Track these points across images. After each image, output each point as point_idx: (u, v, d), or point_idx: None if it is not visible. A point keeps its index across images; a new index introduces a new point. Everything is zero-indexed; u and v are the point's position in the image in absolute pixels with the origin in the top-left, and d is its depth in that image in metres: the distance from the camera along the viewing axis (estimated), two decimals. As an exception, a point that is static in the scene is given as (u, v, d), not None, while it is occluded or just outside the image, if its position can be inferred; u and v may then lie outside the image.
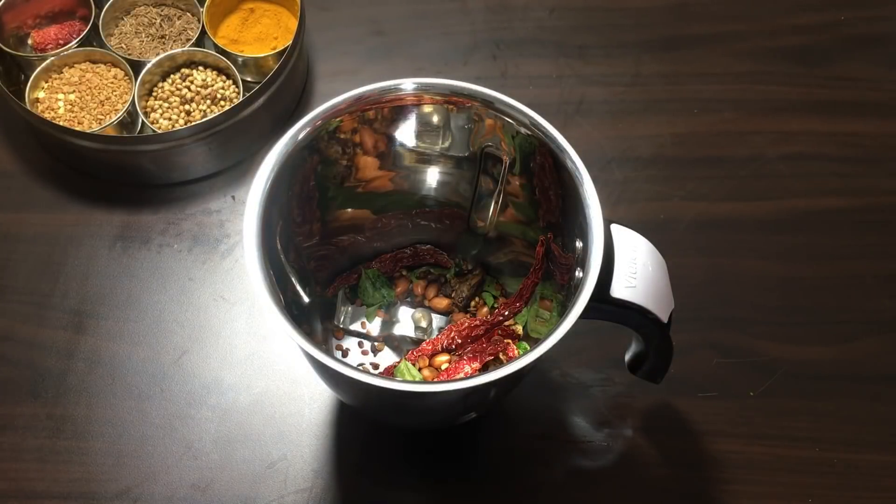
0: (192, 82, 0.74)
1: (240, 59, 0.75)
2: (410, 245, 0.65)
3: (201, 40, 0.76)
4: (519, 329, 0.60)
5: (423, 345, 0.60)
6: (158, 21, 0.77)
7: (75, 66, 0.75)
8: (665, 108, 0.78)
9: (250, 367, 0.65)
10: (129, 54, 0.75)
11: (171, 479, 0.61)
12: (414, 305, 0.64)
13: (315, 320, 0.60)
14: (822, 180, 0.74)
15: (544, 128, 0.54)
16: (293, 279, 0.57)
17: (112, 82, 0.74)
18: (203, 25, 0.75)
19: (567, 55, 0.80)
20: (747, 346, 0.66)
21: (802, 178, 0.74)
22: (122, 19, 0.78)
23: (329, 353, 0.48)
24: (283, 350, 0.66)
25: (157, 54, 0.74)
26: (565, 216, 0.55)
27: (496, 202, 0.61)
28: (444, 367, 0.59)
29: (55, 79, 0.74)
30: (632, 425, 0.63)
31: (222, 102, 0.73)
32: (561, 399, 0.64)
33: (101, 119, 0.72)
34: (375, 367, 0.63)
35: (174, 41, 0.76)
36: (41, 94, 0.73)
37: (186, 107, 0.73)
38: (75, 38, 0.75)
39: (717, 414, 0.64)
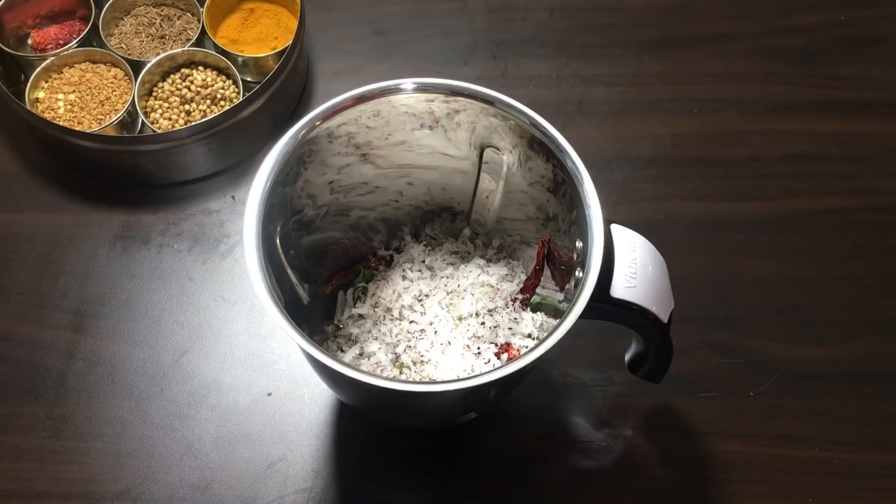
0: (192, 82, 0.74)
1: (240, 59, 0.75)
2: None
3: (201, 40, 0.76)
4: (519, 329, 0.60)
5: (423, 345, 0.60)
6: (158, 21, 0.77)
7: (75, 66, 0.75)
8: (665, 108, 0.78)
9: (250, 367, 0.65)
10: (129, 54, 0.75)
11: (171, 479, 0.61)
12: (414, 305, 0.64)
13: (315, 320, 0.60)
14: (822, 180, 0.74)
15: (544, 128, 0.54)
16: (293, 279, 0.57)
17: (112, 82, 0.74)
18: (203, 25, 0.75)
19: (567, 55, 0.80)
20: (747, 346, 0.66)
21: (802, 178, 0.74)
22: (122, 19, 0.78)
23: (329, 353, 0.48)
24: (283, 350, 0.66)
25: (157, 54, 0.74)
26: (565, 216, 0.55)
27: (496, 202, 0.61)
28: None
29: (55, 79, 0.74)
30: (632, 425, 0.63)
31: (222, 102, 0.73)
32: (561, 399, 0.64)
33: (101, 119, 0.72)
34: (375, 367, 0.63)
35: (174, 41, 0.76)
36: (41, 94, 0.74)
37: (186, 107, 0.73)
38: (75, 38, 0.75)
39: (717, 414, 0.64)
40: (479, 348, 0.57)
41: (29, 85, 0.73)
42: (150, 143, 0.70)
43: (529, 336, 0.58)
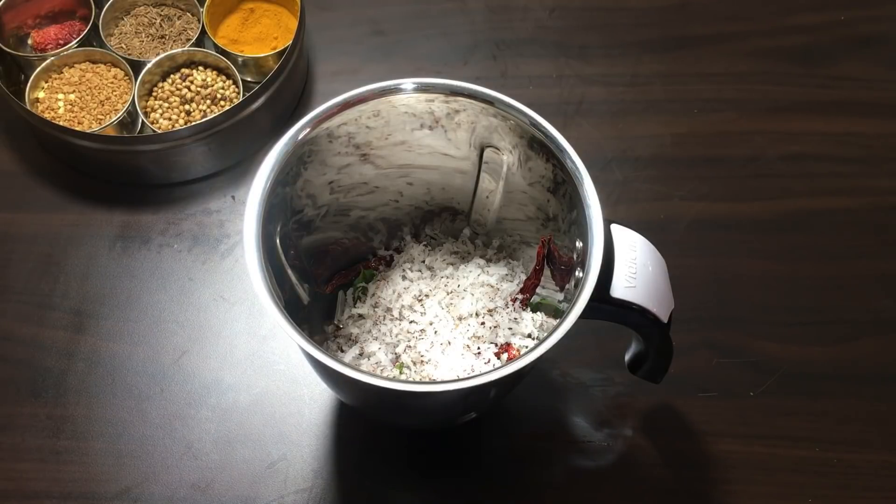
0: (192, 82, 0.74)
1: (240, 59, 0.75)
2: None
3: (201, 40, 0.76)
4: (519, 329, 0.60)
5: (423, 345, 0.60)
6: (158, 21, 0.77)
7: (75, 66, 0.75)
8: (665, 108, 0.78)
9: (250, 367, 0.65)
10: (129, 54, 0.75)
11: (171, 479, 0.61)
12: (414, 305, 0.64)
13: (315, 320, 0.60)
14: (822, 180, 0.74)
15: (544, 128, 0.54)
16: (293, 279, 0.57)
17: (112, 82, 0.74)
18: (203, 25, 0.75)
19: (567, 55, 0.80)
20: (747, 346, 0.66)
21: (802, 178, 0.74)
22: (122, 19, 0.78)
23: (329, 353, 0.48)
24: (283, 350, 0.66)
25: (157, 54, 0.74)
26: (565, 216, 0.55)
27: (496, 202, 0.61)
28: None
29: (55, 79, 0.74)
30: (632, 425, 0.63)
31: (222, 102, 0.73)
32: (561, 399, 0.64)
33: (101, 119, 0.72)
34: (375, 367, 0.63)
35: (174, 41, 0.76)
36: (41, 94, 0.74)
37: (186, 107, 0.73)
38: (75, 38, 0.75)
39: (717, 414, 0.64)
40: (479, 348, 0.57)
41: (29, 85, 0.73)
42: (150, 143, 0.70)
43: (529, 336, 0.58)
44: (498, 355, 0.57)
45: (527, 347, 0.57)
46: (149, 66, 0.73)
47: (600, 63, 0.80)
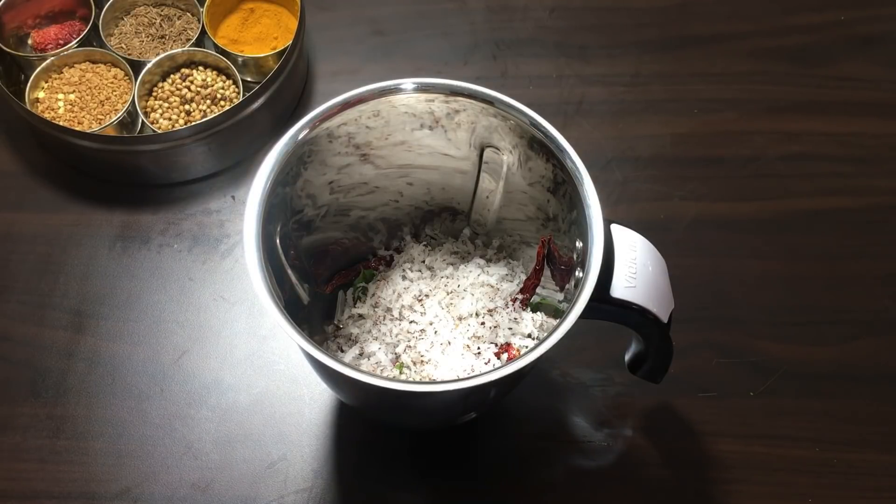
0: (192, 82, 0.74)
1: (240, 59, 0.75)
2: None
3: (201, 40, 0.76)
4: (519, 329, 0.60)
5: (423, 345, 0.60)
6: (158, 21, 0.78)
7: (75, 66, 0.75)
8: (665, 108, 0.78)
9: (250, 367, 0.65)
10: (129, 54, 0.75)
11: (171, 479, 0.61)
12: (414, 305, 0.64)
13: (315, 320, 0.60)
14: (822, 180, 0.74)
15: (544, 128, 0.54)
16: (293, 279, 0.57)
17: (112, 82, 0.74)
18: (203, 25, 0.75)
19: (567, 55, 0.80)
20: (747, 346, 0.66)
21: (802, 178, 0.74)
22: (122, 19, 0.78)
23: (329, 353, 0.48)
24: (283, 350, 0.66)
25: (157, 54, 0.74)
26: (565, 216, 0.55)
27: (496, 202, 0.61)
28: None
29: (55, 79, 0.74)
30: (632, 425, 0.63)
31: (222, 102, 0.73)
32: (561, 399, 0.64)
33: (101, 119, 0.72)
34: (375, 367, 0.63)
35: (174, 41, 0.76)
36: (41, 94, 0.74)
37: (186, 107, 0.73)
38: (75, 38, 0.75)
39: (717, 414, 0.64)
40: (479, 348, 0.57)
41: (29, 85, 0.73)
42: (150, 143, 0.70)
43: (529, 336, 0.58)
44: (498, 355, 0.57)
45: (527, 347, 0.57)
46: (149, 66, 0.73)
47: (600, 63, 0.80)
